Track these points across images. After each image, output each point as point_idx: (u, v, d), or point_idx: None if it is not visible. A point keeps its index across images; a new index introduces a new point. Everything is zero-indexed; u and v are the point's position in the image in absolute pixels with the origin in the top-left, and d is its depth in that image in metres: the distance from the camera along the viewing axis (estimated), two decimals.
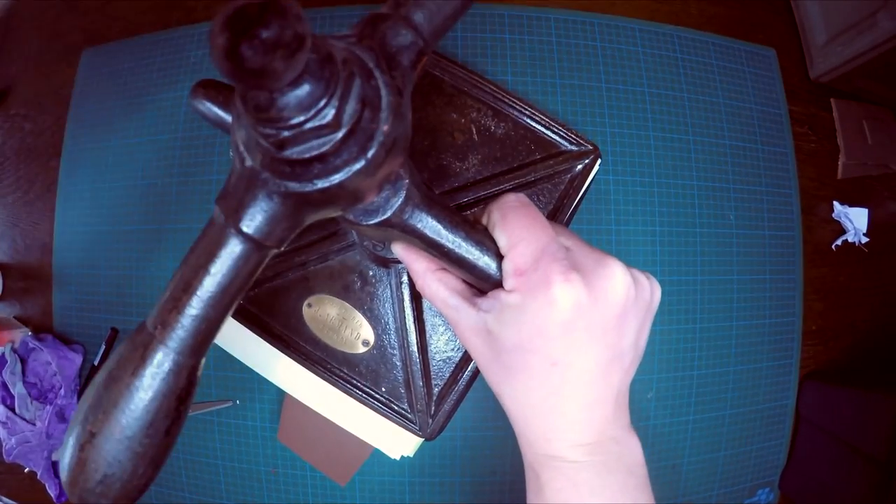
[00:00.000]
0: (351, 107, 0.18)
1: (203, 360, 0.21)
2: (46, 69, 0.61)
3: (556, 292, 0.24)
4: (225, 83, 0.29)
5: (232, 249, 0.20)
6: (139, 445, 0.19)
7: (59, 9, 0.61)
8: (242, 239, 0.20)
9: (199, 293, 0.20)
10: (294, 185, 0.19)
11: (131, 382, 0.19)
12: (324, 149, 0.18)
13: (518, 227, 0.25)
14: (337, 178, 0.19)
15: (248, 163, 0.20)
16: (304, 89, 0.17)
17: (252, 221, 0.20)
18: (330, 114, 0.18)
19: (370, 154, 0.19)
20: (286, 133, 0.18)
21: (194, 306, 0.20)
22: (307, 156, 0.19)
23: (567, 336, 0.24)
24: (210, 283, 0.20)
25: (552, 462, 0.26)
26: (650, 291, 0.28)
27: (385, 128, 0.19)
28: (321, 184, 0.19)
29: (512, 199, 0.27)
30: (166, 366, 0.20)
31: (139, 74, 0.57)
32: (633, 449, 0.25)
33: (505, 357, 0.26)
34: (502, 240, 0.26)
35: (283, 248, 0.22)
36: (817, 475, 0.76)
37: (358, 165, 0.19)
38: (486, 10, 0.51)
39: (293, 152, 0.18)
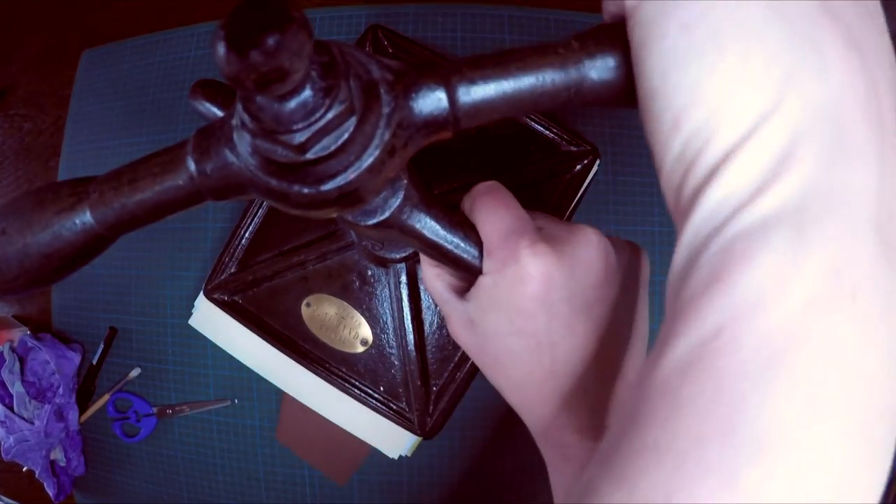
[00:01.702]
0: (327, 141, 0.18)
1: (116, 239, 0.23)
2: (46, 69, 0.61)
3: (524, 264, 0.22)
4: (224, 83, 0.30)
5: (181, 179, 0.22)
6: (31, 265, 0.22)
7: (59, 9, 0.61)
8: (193, 177, 0.21)
9: (139, 195, 0.22)
10: (253, 168, 0.20)
11: (51, 219, 0.22)
12: (283, 159, 0.19)
13: (485, 211, 0.25)
14: (285, 187, 0.20)
15: (234, 122, 0.20)
16: (287, 106, 0.17)
17: (207, 170, 0.21)
18: (298, 139, 0.18)
19: (322, 189, 0.19)
20: (257, 127, 0.18)
21: (130, 200, 0.22)
22: (268, 156, 0.19)
23: (546, 311, 0.22)
24: (150, 195, 0.22)
25: (567, 451, 0.24)
26: (631, 255, 0.26)
27: (351, 177, 0.19)
28: (272, 183, 0.20)
29: (481, 185, 0.26)
30: (83, 226, 0.22)
31: (139, 74, 0.57)
32: None
33: (491, 346, 0.25)
34: (478, 227, 0.26)
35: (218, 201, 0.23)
36: None
37: (305, 191, 0.19)
38: (487, 11, 0.51)
39: (259, 146, 0.19)
